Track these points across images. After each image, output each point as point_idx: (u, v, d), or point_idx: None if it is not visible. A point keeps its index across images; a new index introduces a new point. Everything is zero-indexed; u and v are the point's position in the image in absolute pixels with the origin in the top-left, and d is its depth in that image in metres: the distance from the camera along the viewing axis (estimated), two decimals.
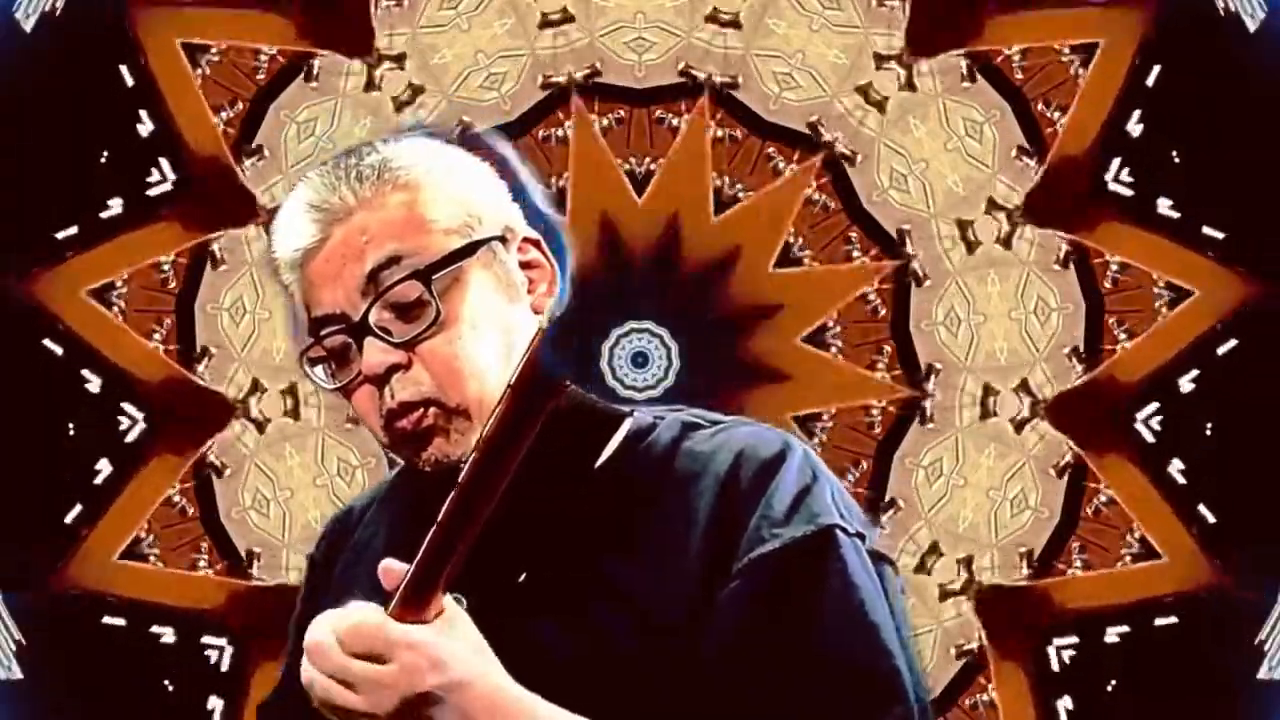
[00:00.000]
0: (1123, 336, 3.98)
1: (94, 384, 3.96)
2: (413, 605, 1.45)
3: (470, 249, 1.64)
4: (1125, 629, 3.90)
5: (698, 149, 4.03)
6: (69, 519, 3.93)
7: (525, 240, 1.70)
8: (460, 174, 1.69)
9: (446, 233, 1.65)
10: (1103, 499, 3.98)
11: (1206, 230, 3.93)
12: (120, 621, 3.94)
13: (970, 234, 4.01)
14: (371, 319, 1.62)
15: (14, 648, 3.88)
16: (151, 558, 3.98)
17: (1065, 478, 3.98)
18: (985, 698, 3.96)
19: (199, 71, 4.02)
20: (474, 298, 1.64)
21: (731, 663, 1.54)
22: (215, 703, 3.95)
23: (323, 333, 1.65)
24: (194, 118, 4.00)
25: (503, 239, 1.68)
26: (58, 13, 3.91)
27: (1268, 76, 3.88)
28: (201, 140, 4.00)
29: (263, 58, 4.03)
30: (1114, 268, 3.99)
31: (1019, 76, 4.01)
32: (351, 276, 1.63)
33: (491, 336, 1.64)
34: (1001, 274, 4.04)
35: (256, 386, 4.02)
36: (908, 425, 4.04)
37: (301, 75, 4.04)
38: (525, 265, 1.70)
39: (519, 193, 1.72)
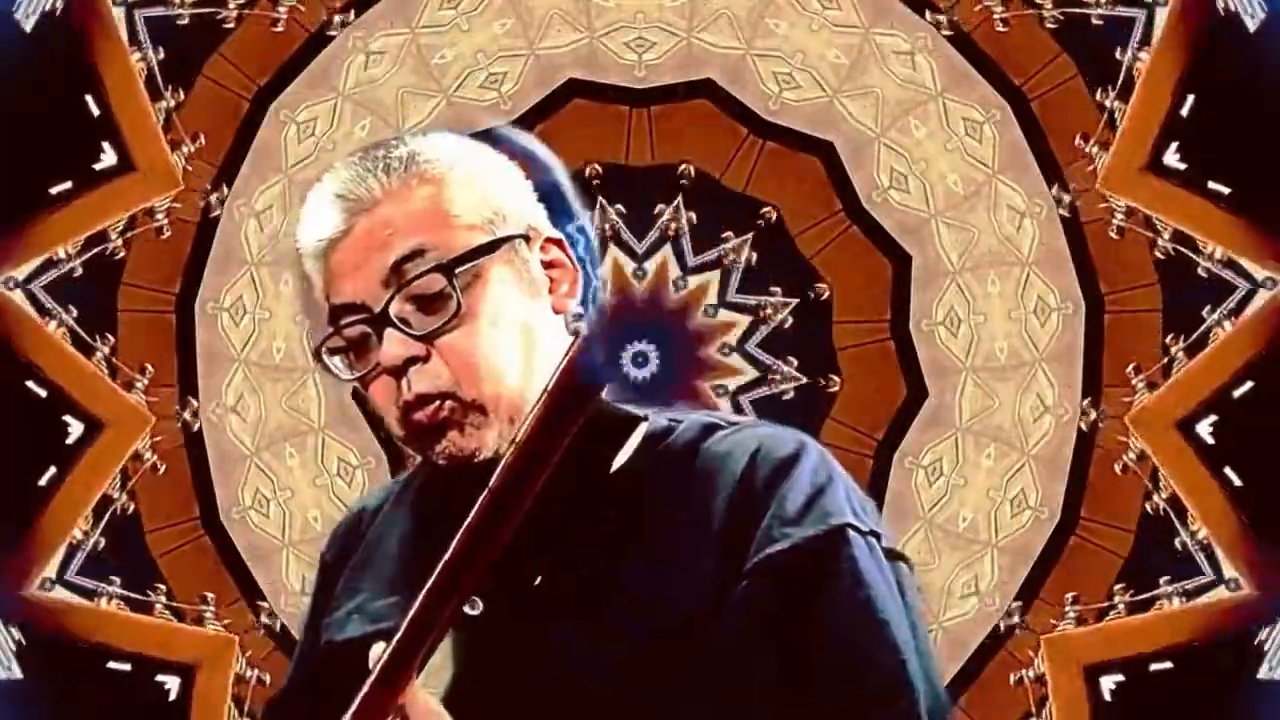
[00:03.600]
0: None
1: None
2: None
3: (493, 245, 1.65)
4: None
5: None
6: None
7: (548, 240, 1.71)
8: (486, 171, 1.70)
9: (470, 228, 1.65)
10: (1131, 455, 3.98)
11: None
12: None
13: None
14: (392, 310, 1.62)
15: (14, 648, 3.88)
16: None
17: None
18: (1031, 673, 3.98)
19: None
20: (495, 294, 1.64)
21: (740, 660, 1.55)
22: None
23: (342, 322, 1.65)
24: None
25: (526, 238, 1.68)
26: (57, 13, 3.92)
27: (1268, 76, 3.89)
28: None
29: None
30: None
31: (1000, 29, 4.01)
32: (374, 268, 1.63)
33: (511, 333, 1.64)
34: (1001, 274, 4.04)
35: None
36: (908, 425, 4.05)
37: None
38: (548, 265, 1.70)
39: (547, 193, 1.72)
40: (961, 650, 3.97)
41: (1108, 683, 3.93)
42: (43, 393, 3.96)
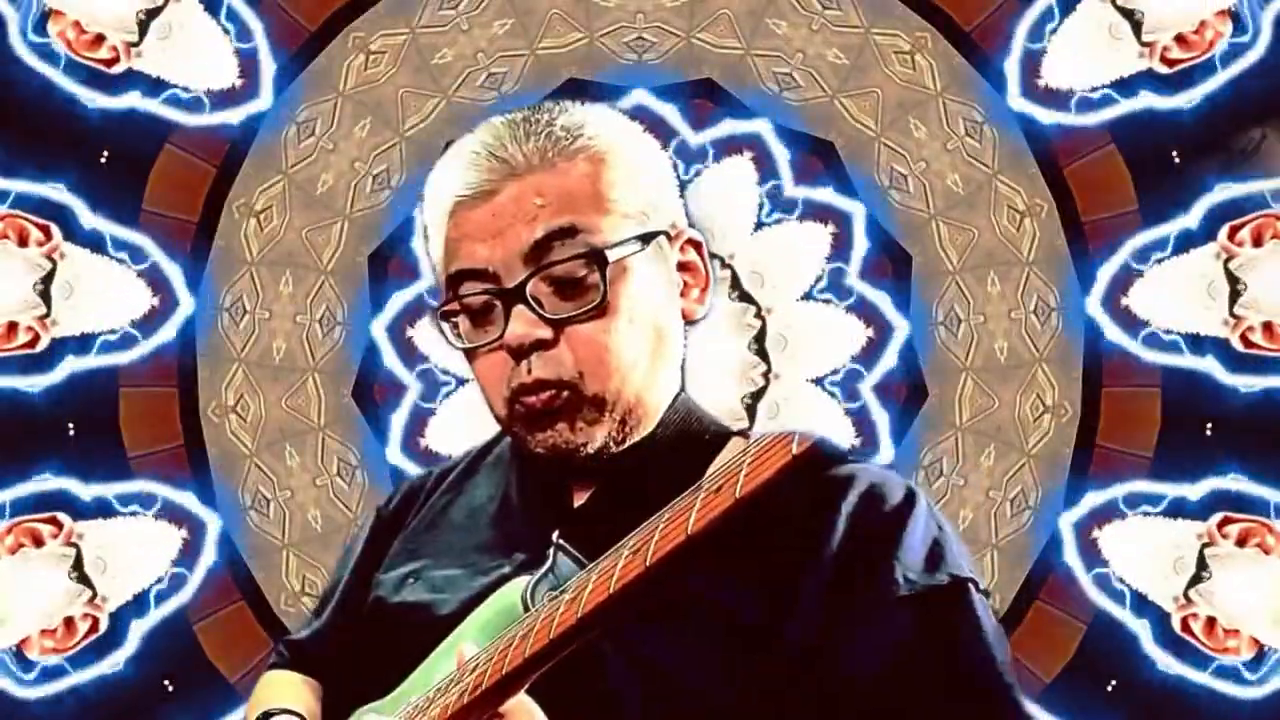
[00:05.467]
0: None
1: None
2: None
3: (646, 238, 1.59)
4: None
5: None
6: None
7: (689, 241, 1.65)
8: (647, 157, 1.63)
9: (625, 216, 1.59)
10: None
11: None
12: None
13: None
14: (528, 288, 1.55)
15: None
16: None
17: None
18: None
19: None
20: (636, 290, 1.58)
21: (867, 696, 1.51)
22: None
23: (465, 289, 1.58)
24: None
25: (669, 235, 1.62)
26: None
27: None
28: None
29: None
30: None
31: None
32: (517, 238, 1.56)
33: (645, 333, 1.59)
34: (1001, 274, 4.04)
35: None
36: (907, 425, 4.04)
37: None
38: (682, 267, 1.64)
39: (683, 189, 1.68)
40: None
41: None
42: None
